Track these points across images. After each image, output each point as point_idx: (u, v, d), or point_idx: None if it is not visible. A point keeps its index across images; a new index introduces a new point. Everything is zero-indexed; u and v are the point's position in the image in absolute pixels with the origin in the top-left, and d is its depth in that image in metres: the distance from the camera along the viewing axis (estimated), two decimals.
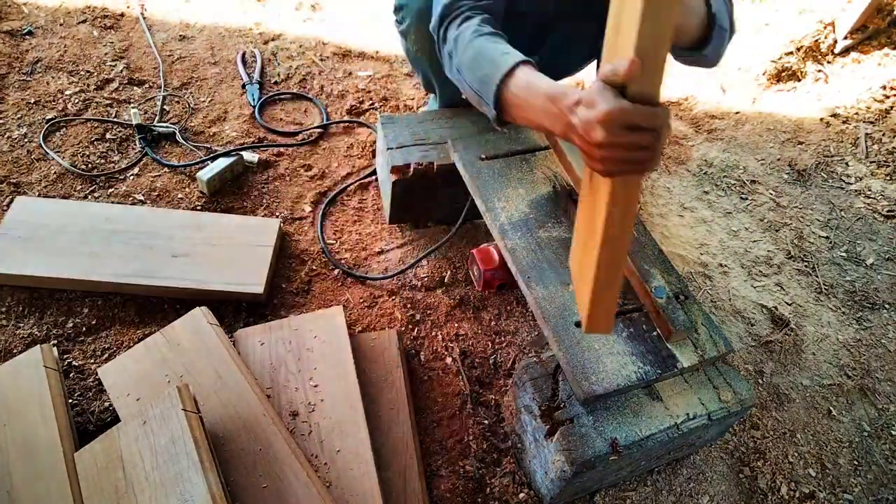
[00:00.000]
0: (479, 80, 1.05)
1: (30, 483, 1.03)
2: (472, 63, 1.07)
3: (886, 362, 1.60)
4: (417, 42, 1.45)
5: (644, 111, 0.76)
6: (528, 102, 0.97)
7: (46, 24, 2.11)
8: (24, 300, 1.42)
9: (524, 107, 0.99)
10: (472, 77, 1.07)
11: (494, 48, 1.05)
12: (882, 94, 2.33)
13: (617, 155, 0.78)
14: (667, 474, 1.33)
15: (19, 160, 1.70)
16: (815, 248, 1.86)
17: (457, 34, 1.12)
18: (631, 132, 0.77)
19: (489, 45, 1.06)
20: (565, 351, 1.10)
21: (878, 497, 1.36)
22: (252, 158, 1.78)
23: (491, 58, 1.04)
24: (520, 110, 1.01)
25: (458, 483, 1.25)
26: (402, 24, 1.46)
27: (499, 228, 1.29)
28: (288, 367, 1.25)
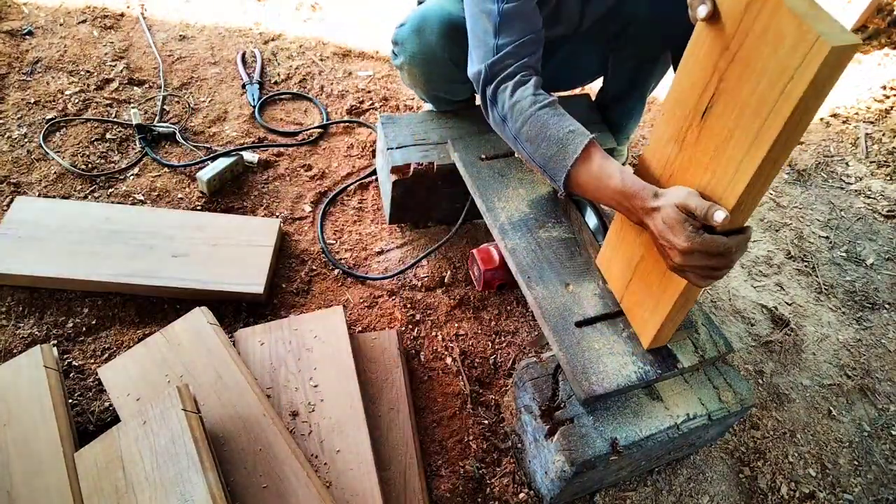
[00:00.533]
0: (545, 158, 1.06)
1: (30, 483, 1.03)
2: (537, 139, 1.07)
3: (886, 362, 1.60)
4: (410, 79, 1.51)
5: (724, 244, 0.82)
6: (599, 191, 1.01)
7: (46, 24, 2.11)
8: (24, 300, 1.42)
9: (594, 193, 1.02)
10: (536, 152, 1.08)
11: (558, 125, 1.05)
12: (882, 94, 2.33)
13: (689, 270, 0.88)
14: (667, 474, 1.33)
15: (19, 160, 1.70)
16: (815, 248, 1.86)
17: (513, 102, 1.10)
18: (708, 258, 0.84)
19: (552, 122, 1.06)
20: (565, 351, 1.10)
21: (878, 497, 1.36)
22: (252, 158, 1.78)
23: (557, 138, 1.04)
24: (589, 194, 1.04)
25: (458, 483, 1.25)
26: (396, 59, 1.49)
27: (499, 228, 1.29)
28: (288, 367, 1.25)
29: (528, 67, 1.13)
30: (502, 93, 1.12)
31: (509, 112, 1.11)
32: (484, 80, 1.15)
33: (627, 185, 0.94)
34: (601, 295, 1.20)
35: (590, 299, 1.19)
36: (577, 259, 1.25)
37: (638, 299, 1.10)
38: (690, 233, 0.83)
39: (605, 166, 0.99)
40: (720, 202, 0.83)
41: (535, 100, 1.09)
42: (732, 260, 0.84)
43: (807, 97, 0.68)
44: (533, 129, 1.07)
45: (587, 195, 1.05)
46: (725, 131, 0.80)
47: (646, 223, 0.93)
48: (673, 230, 0.85)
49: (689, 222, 0.84)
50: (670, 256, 0.88)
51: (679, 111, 0.90)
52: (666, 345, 1.14)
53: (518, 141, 1.12)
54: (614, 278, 1.18)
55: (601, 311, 1.17)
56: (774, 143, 0.73)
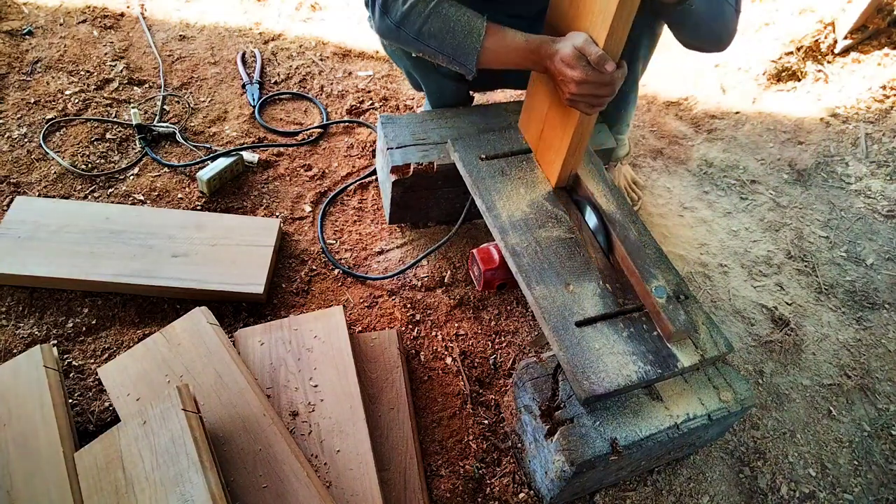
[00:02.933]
0: (454, 47, 1.20)
1: (30, 483, 1.03)
2: (441, 32, 1.19)
3: (886, 362, 1.60)
4: None
5: (607, 77, 1.08)
6: (508, 56, 1.20)
7: (46, 24, 2.11)
8: (24, 300, 1.42)
9: (504, 59, 1.20)
10: (443, 44, 1.21)
11: (457, 14, 1.19)
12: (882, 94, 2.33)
13: (580, 99, 1.13)
14: (667, 474, 1.33)
15: (19, 160, 1.70)
16: (815, 248, 1.86)
17: (406, 8, 1.19)
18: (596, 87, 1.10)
19: (452, 13, 1.19)
20: (566, 351, 1.10)
21: (878, 497, 1.36)
22: (252, 158, 1.78)
23: (461, 25, 1.18)
24: (497, 63, 1.21)
25: (458, 483, 1.25)
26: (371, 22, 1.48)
27: (499, 228, 1.29)
28: (288, 367, 1.25)
29: None
30: (393, 2, 1.20)
31: (405, 18, 1.20)
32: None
33: (532, 41, 1.16)
34: (601, 295, 1.20)
35: (590, 299, 1.19)
36: (577, 259, 1.25)
37: (547, 145, 1.36)
38: (584, 66, 1.08)
39: (507, 34, 1.18)
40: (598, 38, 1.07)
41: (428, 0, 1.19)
42: (614, 89, 1.10)
43: None
44: (435, 24, 1.19)
45: (496, 65, 1.21)
46: None
47: (547, 66, 1.15)
48: (570, 66, 1.09)
49: (584, 59, 1.08)
50: (568, 89, 1.11)
51: None
52: (666, 344, 1.14)
53: (420, 39, 1.22)
54: (531, 133, 1.44)
55: (601, 311, 1.17)
56: None
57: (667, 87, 2.30)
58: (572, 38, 1.10)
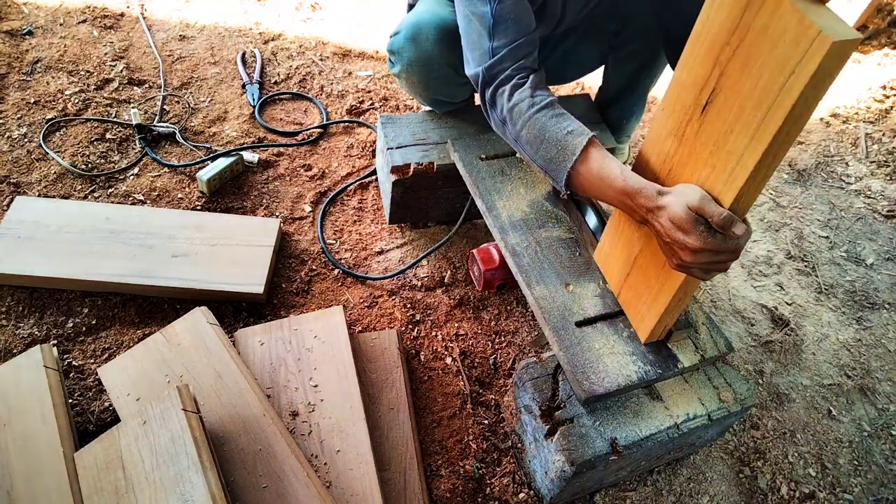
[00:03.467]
0: (546, 160, 1.08)
1: (30, 483, 1.03)
2: (536, 142, 1.08)
3: (886, 362, 1.60)
4: (407, 86, 1.51)
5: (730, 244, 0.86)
6: (601, 191, 1.02)
7: (46, 24, 2.11)
8: (24, 300, 1.42)
9: (596, 192, 1.04)
10: (537, 155, 1.09)
11: (557, 127, 1.06)
12: (882, 94, 2.33)
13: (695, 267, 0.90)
14: (667, 474, 1.33)
15: (19, 160, 1.70)
16: (815, 248, 1.86)
17: (511, 105, 1.11)
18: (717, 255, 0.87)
19: (551, 124, 1.06)
20: (566, 351, 1.10)
21: (878, 497, 1.36)
22: (252, 158, 1.78)
23: (556, 140, 1.05)
24: (591, 193, 1.05)
25: (458, 483, 1.25)
26: (393, 67, 1.49)
27: (499, 228, 1.29)
28: (288, 367, 1.25)
29: (525, 69, 1.13)
30: (500, 97, 1.13)
31: (508, 115, 1.12)
32: (482, 83, 1.16)
33: (630, 184, 0.95)
34: (601, 295, 1.20)
35: (590, 299, 1.19)
36: (578, 259, 1.25)
37: (636, 293, 1.12)
38: (703, 233, 0.85)
39: (605, 165, 1.00)
40: (720, 196, 0.85)
41: (532, 102, 1.09)
42: (738, 254, 0.88)
43: (807, 91, 0.69)
44: (532, 131, 1.08)
45: (589, 194, 1.07)
46: (726, 125, 0.82)
47: (650, 221, 0.94)
48: (683, 230, 0.87)
49: (701, 222, 0.86)
50: (678, 255, 0.90)
51: (679, 106, 0.91)
52: (666, 344, 1.14)
53: (519, 143, 1.13)
54: (612, 273, 1.20)
55: (601, 311, 1.17)
56: (775, 136, 0.74)
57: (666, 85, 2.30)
58: (684, 193, 0.88)
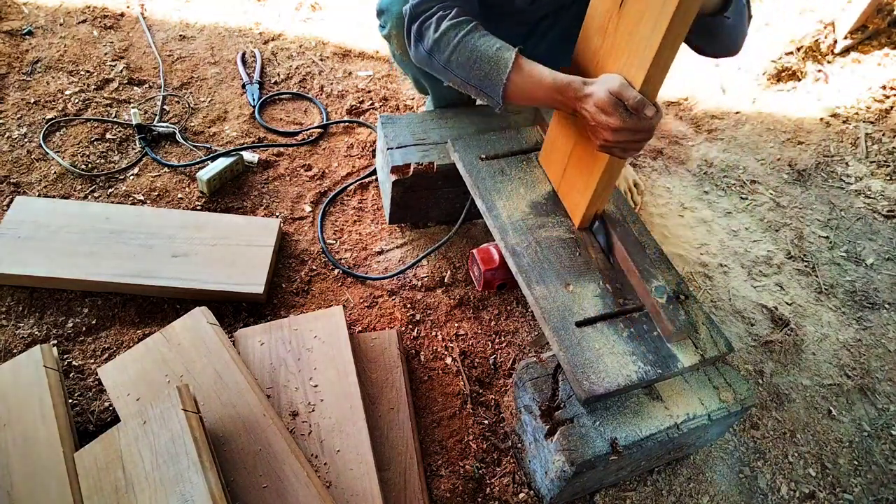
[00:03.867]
0: (480, 78, 1.15)
1: (30, 483, 1.03)
2: (468, 63, 1.16)
3: (886, 362, 1.60)
4: (401, 46, 1.47)
5: (644, 123, 0.99)
6: (534, 94, 1.13)
7: (46, 24, 2.11)
8: (24, 300, 1.42)
9: (529, 96, 1.14)
10: (470, 75, 1.17)
11: (486, 45, 1.14)
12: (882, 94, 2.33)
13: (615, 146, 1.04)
14: (667, 474, 1.33)
15: (19, 160, 1.70)
16: (815, 248, 1.86)
17: (438, 35, 1.17)
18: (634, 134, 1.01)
19: (480, 43, 1.15)
20: (566, 350, 1.10)
21: (878, 497, 1.36)
22: (252, 158, 1.78)
23: (488, 56, 1.14)
24: (524, 99, 1.16)
25: (458, 483, 1.25)
26: (384, 29, 1.48)
27: (499, 228, 1.29)
28: (288, 367, 1.25)
29: (449, 6, 1.19)
30: (427, 29, 1.19)
31: (435, 45, 1.18)
32: (409, 19, 1.22)
33: (559, 80, 1.08)
34: (601, 295, 1.20)
35: (590, 299, 1.19)
36: (578, 259, 1.25)
37: (571, 183, 1.27)
38: (622, 113, 0.99)
39: (534, 70, 1.11)
40: (634, 80, 0.98)
41: (459, 28, 1.16)
42: (652, 134, 1.02)
43: None
44: (462, 54, 1.15)
45: (523, 101, 1.16)
46: (637, 15, 0.95)
47: (578, 109, 1.07)
48: (606, 112, 1.00)
49: (621, 105, 0.99)
50: (602, 136, 1.03)
51: (602, 6, 1.06)
52: (666, 344, 1.14)
53: (449, 69, 1.19)
54: (553, 171, 1.36)
55: (601, 311, 1.17)
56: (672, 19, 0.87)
57: (667, 87, 2.29)
58: (606, 80, 1.02)
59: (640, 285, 1.19)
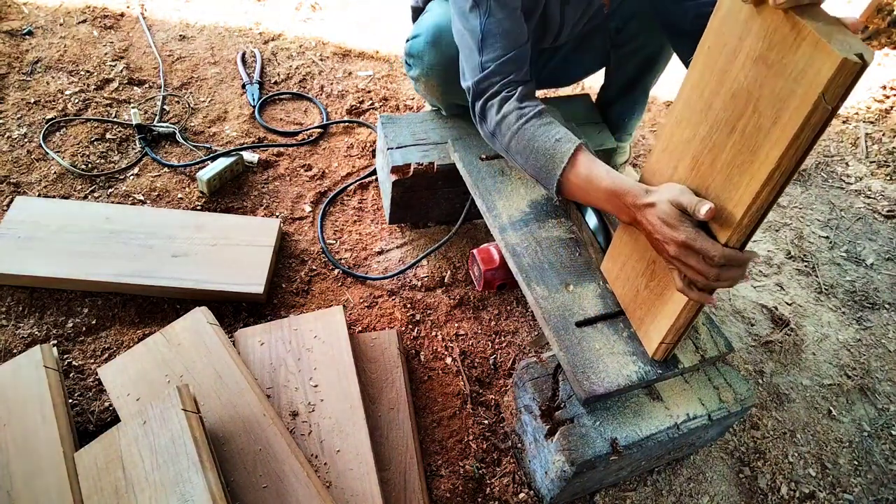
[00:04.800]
0: (536, 169, 1.12)
1: (30, 483, 1.03)
2: (526, 152, 1.12)
3: (886, 362, 1.60)
4: (426, 90, 1.50)
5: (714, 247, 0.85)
6: (590, 194, 1.06)
7: (46, 24, 2.11)
8: (24, 300, 1.42)
9: (585, 196, 1.08)
10: (527, 164, 1.14)
11: (546, 136, 1.10)
12: (882, 94, 2.33)
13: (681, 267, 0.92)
14: (667, 474, 1.33)
15: (19, 160, 1.70)
16: (815, 248, 1.86)
17: (499, 118, 1.15)
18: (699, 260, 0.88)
19: (540, 133, 1.10)
20: (566, 351, 1.10)
21: (878, 497, 1.36)
22: (252, 158, 1.78)
23: (545, 149, 1.09)
24: (580, 197, 1.10)
25: (458, 483, 1.25)
26: (411, 70, 1.49)
27: (499, 228, 1.29)
28: (288, 367, 1.25)
29: (514, 83, 1.15)
30: (489, 110, 1.16)
31: (497, 128, 1.16)
32: (472, 97, 1.19)
33: (617, 185, 0.99)
34: (601, 295, 1.20)
35: (590, 299, 1.19)
36: (578, 259, 1.25)
37: (644, 311, 1.11)
38: (687, 226, 0.88)
39: (593, 170, 1.04)
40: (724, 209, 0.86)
41: (521, 113, 1.12)
42: (722, 275, 0.87)
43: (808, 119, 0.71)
44: (521, 142, 1.12)
45: (579, 199, 1.11)
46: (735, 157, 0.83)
47: (638, 220, 0.97)
48: (669, 224, 0.90)
49: (686, 217, 0.89)
50: (666, 250, 0.92)
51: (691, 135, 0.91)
52: None
53: (509, 153, 1.17)
54: (622, 290, 1.18)
55: (602, 311, 1.17)
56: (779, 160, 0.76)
57: (667, 88, 2.30)
58: (669, 188, 0.92)
59: None
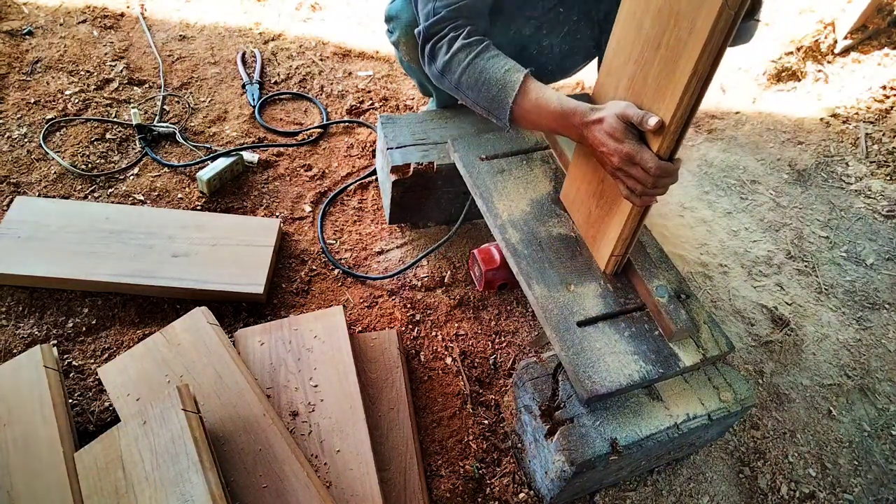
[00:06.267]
0: (489, 100, 1.16)
1: (30, 483, 1.03)
2: (477, 85, 1.16)
3: (886, 362, 1.60)
4: (408, 53, 1.49)
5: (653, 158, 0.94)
6: (541, 117, 1.11)
7: (46, 24, 2.11)
8: (24, 300, 1.42)
9: (536, 121, 1.14)
10: (479, 97, 1.18)
11: (495, 66, 1.15)
12: (882, 94, 2.33)
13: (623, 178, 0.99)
14: (667, 474, 1.33)
15: (19, 160, 1.70)
16: (815, 248, 1.86)
17: (449, 56, 1.19)
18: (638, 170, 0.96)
19: (490, 66, 1.15)
20: (567, 350, 1.10)
21: (878, 497, 1.36)
22: (252, 158, 1.78)
23: (496, 79, 1.14)
24: (531, 123, 1.16)
25: (458, 483, 1.25)
26: (392, 35, 1.49)
27: (499, 228, 1.29)
28: (288, 367, 1.25)
29: (462, 27, 1.20)
30: (439, 50, 1.21)
31: (446, 66, 1.20)
32: (422, 40, 1.24)
33: (566, 106, 1.06)
34: (603, 294, 1.20)
35: (591, 299, 1.19)
36: (579, 258, 1.25)
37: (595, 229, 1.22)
38: (631, 139, 0.96)
39: (543, 94, 1.10)
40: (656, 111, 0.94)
41: (470, 49, 1.17)
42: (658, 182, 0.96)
43: None
44: (472, 76, 1.16)
45: (530, 125, 1.17)
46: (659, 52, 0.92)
47: (586, 136, 1.04)
48: (615, 137, 0.98)
49: (630, 130, 0.97)
50: (611, 162, 0.99)
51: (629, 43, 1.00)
52: (668, 344, 1.14)
53: (460, 90, 1.21)
54: (577, 214, 1.29)
55: (603, 311, 1.17)
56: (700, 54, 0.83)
57: None
58: (613, 105, 0.99)
59: (642, 285, 1.19)
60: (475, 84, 1.16)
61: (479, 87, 1.16)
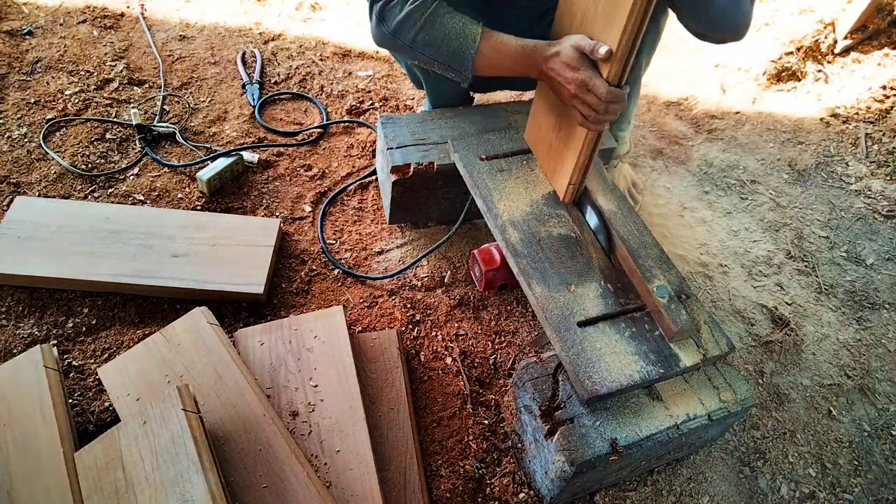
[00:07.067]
0: (449, 54, 1.21)
1: (30, 483, 1.03)
2: (436, 41, 1.21)
3: (886, 362, 1.60)
4: None
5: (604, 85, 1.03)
6: (502, 61, 1.19)
7: (46, 24, 2.11)
8: (24, 300, 1.42)
9: (498, 64, 1.20)
10: (437, 53, 1.22)
11: (452, 22, 1.20)
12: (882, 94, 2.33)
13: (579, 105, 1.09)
14: (667, 474, 1.33)
15: (19, 160, 1.70)
16: (815, 248, 1.86)
17: (402, 17, 1.21)
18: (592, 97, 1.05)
19: (447, 21, 1.20)
20: (568, 350, 1.10)
21: (878, 497, 1.36)
22: (252, 158, 1.78)
23: (456, 32, 1.19)
24: (493, 68, 1.22)
25: (458, 483, 1.25)
26: None
27: (500, 228, 1.29)
28: (288, 367, 1.25)
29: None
30: (390, 12, 1.23)
31: (399, 26, 1.22)
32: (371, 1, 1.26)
33: (525, 45, 1.14)
34: (603, 295, 1.20)
35: (592, 299, 1.19)
36: (579, 258, 1.25)
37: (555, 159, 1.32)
38: (586, 67, 1.05)
39: (502, 38, 1.17)
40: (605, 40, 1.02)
41: (424, 8, 1.20)
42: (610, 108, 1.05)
43: None
44: (429, 34, 1.20)
45: (492, 71, 1.22)
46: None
47: (544, 70, 1.12)
48: (571, 66, 1.07)
49: (584, 60, 1.06)
50: (568, 90, 1.08)
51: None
52: (668, 344, 1.14)
53: (415, 48, 1.24)
54: (539, 149, 1.40)
55: (603, 311, 1.17)
56: None
57: (667, 87, 2.30)
58: (569, 38, 1.08)
59: (642, 285, 1.19)
60: (433, 41, 1.20)
61: (438, 44, 1.20)
